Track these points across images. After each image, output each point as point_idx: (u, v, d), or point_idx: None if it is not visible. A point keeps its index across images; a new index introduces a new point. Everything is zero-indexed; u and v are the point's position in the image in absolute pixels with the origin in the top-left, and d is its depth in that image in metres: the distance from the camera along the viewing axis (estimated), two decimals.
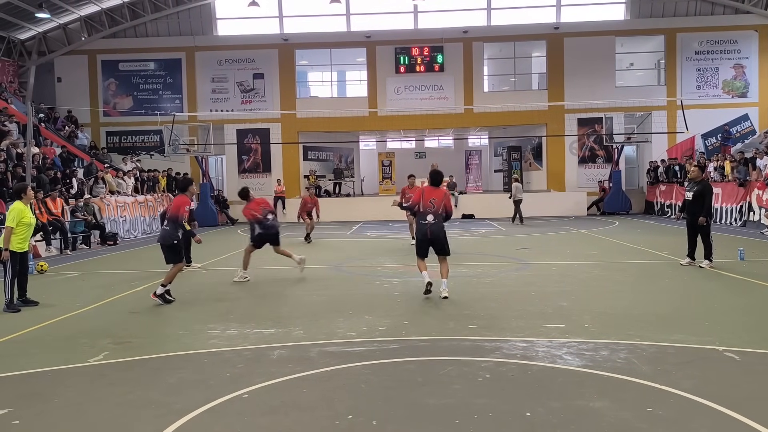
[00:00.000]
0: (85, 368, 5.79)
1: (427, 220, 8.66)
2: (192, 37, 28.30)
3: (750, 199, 18.58)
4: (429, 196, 8.77)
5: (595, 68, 27.41)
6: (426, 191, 8.88)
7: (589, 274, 10.57)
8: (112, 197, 20.03)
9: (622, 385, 4.94)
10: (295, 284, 10.18)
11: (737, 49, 27.38)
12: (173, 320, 7.68)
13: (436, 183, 9.00)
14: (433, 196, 8.78)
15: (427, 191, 8.86)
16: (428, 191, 8.85)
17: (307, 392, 4.97)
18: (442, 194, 8.85)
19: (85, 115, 27.90)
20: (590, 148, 27.94)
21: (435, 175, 9.14)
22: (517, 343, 6.20)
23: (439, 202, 8.75)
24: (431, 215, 8.66)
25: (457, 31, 27.78)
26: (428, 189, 8.93)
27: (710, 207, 10.92)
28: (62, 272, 12.49)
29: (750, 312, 7.46)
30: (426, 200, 8.75)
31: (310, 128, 28.36)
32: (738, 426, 4.11)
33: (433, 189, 8.92)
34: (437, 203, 8.74)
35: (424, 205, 8.75)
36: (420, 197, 8.85)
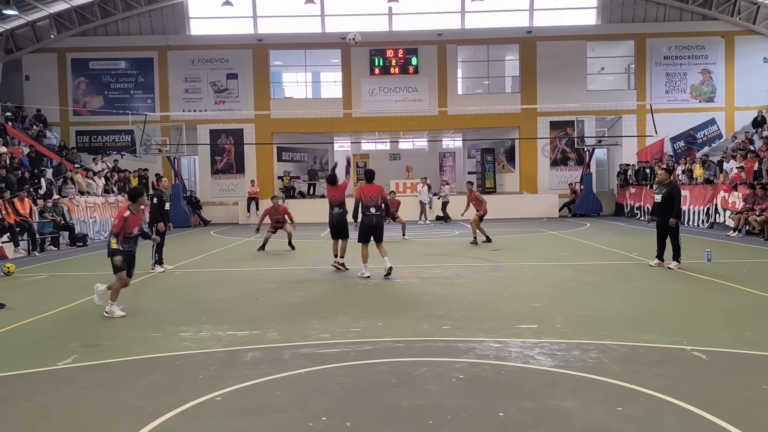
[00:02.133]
0: (53, 372, 5.69)
1: (371, 211, 10.51)
2: (164, 36, 27.96)
3: (717, 201, 18.99)
4: (367, 192, 10.53)
5: (567, 72, 27.77)
6: (364, 188, 10.59)
7: (561, 275, 10.70)
8: (82, 198, 19.69)
9: (593, 385, 5.01)
10: (269, 286, 10.12)
11: (705, 55, 27.98)
12: (145, 322, 7.57)
13: (370, 180, 10.79)
14: (371, 192, 10.56)
15: (365, 188, 10.59)
16: (366, 188, 10.59)
17: (281, 394, 4.95)
18: (377, 189, 10.65)
19: (54, 114, 27.40)
20: (562, 150, 28.30)
21: (368, 173, 10.96)
22: (490, 344, 6.25)
23: (376, 195, 10.57)
24: (373, 207, 10.52)
25: (432, 34, 27.92)
26: (365, 186, 10.62)
27: (679, 209, 11.13)
28: (30, 274, 12.23)
29: (717, 312, 7.63)
30: (366, 196, 10.52)
31: (285, 129, 28.23)
32: (706, 424, 4.20)
33: (370, 186, 10.69)
34: (375, 198, 10.54)
35: (365, 200, 10.52)
36: (360, 194, 10.60)
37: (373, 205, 10.51)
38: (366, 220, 10.52)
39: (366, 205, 10.50)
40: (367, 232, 10.56)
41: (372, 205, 10.50)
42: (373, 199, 10.54)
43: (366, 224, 10.54)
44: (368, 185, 10.73)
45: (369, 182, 10.79)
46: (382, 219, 10.68)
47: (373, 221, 10.51)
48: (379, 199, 10.62)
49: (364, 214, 10.54)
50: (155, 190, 13.21)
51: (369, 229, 10.54)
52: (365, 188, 10.64)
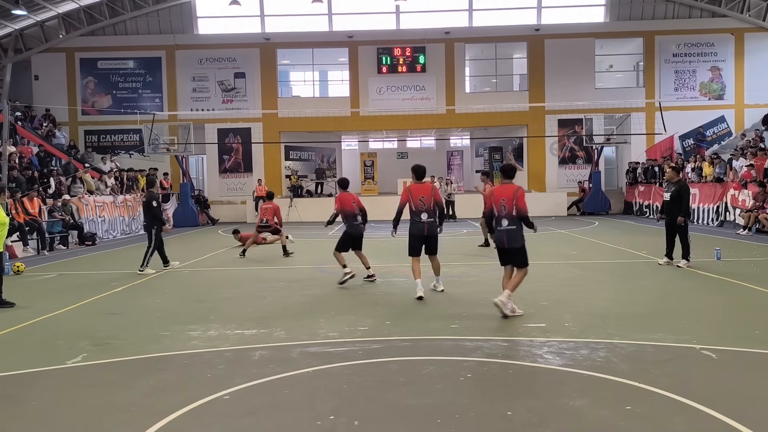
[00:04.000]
0: (62, 370, 5.72)
1: (422, 218, 8.50)
2: (172, 35, 28.04)
3: (726, 199, 18.87)
4: (417, 194, 8.53)
5: (575, 70, 27.65)
6: (413, 189, 8.59)
7: (569, 273, 10.66)
8: (91, 197, 19.78)
9: (601, 384, 4.99)
10: (276, 285, 10.13)
11: (714, 52, 27.79)
12: (153, 321, 7.60)
13: (420, 177, 8.73)
14: (421, 193, 8.54)
15: (414, 189, 8.58)
16: (415, 189, 8.59)
17: (289, 393, 4.95)
18: (429, 189, 8.61)
19: (63, 114, 27.54)
20: (570, 148, 28.19)
21: (418, 170, 8.77)
22: (498, 343, 6.24)
23: (429, 197, 8.52)
24: (425, 213, 8.49)
25: (439, 32, 27.87)
26: (414, 186, 8.63)
27: (688, 207, 11.07)
28: (39, 273, 12.30)
29: (726, 311, 7.58)
30: (416, 198, 8.51)
31: (292, 128, 28.25)
32: (715, 423, 4.17)
33: (419, 185, 8.66)
34: (427, 200, 8.50)
35: (414, 204, 8.49)
36: (407, 197, 8.57)
37: (425, 209, 8.51)
38: (416, 229, 8.57)
39: (416, 210, 8.52)
40: (418, 244, 8.66)
41: (423, 210, 8.50)
42: (425, 202, 8.51)
43: (416, 235, 8.58)
44: (417, 184, 8.69)
45: (419, 180, 8.73)
46: (435, 227, 8.63)
47: (424, 230, 8.54)
48: (432, 203, 8.55)
49: (414, 221, 8.58)
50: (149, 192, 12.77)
51: (420, 240, 8.62)
52: (414, 189, 8.61)
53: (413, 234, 8.59)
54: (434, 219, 8.54)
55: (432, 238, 8.62)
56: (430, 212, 8.49)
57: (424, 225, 8.51)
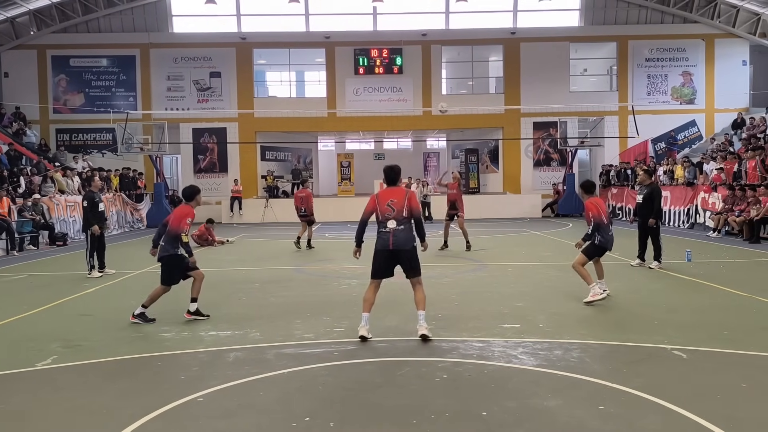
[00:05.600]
0: (32, 373, 5.61)
1: (388, 227, 6.57)
2: (147, 33, 27.70)
3: (697, 202, 19.22)
4: (385, 199, 6.69)
5: (551, 73, 27.95)
6: (380, 195, 6.80)
7: (544, 275, 10.76)
8: (62, 197, 19.44)
9: (575, 384, 5.04)
10: (252, 286, 10.06)
11: (685, 57, 28.31)
12: (125, 323, 7.49)
13: (393, 182, 6.87)
14: (390, 197, 6.69)
15: (382, 195, 6.79)
16: (383, 194, 6.78)
17: (264, 394, 4.92)
18: (402, 194, 6.72)
19: (34, 112, 27.04)
20: (545, 151, 28.48)
21: (390, 171, 6.90)
22: (473, 344, 6.27)
23: (401, 202, 6.62)
24: (392, 220, 6.57)
25: (416, 34, 27.96)
26: (383, 192, 6.84)
27: (659, 209, 11.25)
28: (8, 274, 12.06)
29: (697, 312, 7.71)
30: (383, 204, 6.67)
31: (268, 128, 28.10)
32: (686, 422, 4.25)
33: (390, 189, 6.81)
34: (397, 205, 6.61)
35: (381, 211, 6.65)
36: (374, 203, 6.75)
37: (394, 216, 6.58)
38: (379, 242, 6.65)
39: (382, 218, 6.64)
40: (381, 262, 6.67)
41: (391, 216, 6.58)
42: (394, 207, 6.60)
43: (380, 251, 6.66)
44: (388, 190, 6.82)
45: (391, 185, 6.86)
46: (408, 240, 6.58)
47: (389, 243, 6.55)
48: (404, 209, 6.59)
49: (378, 233, 6.68)
50: (86, 191, 12.42)
51: (385, 257, 6.64)
52: (383, 194, 6.78)
53: (377, 250, 6.68)
54: (404, 227, 6.56)
55: (402, 254, 6.57)
56: (400, 220, 6.55)
57: (389, 235, 6.53)
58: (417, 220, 6.69)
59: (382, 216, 6.66)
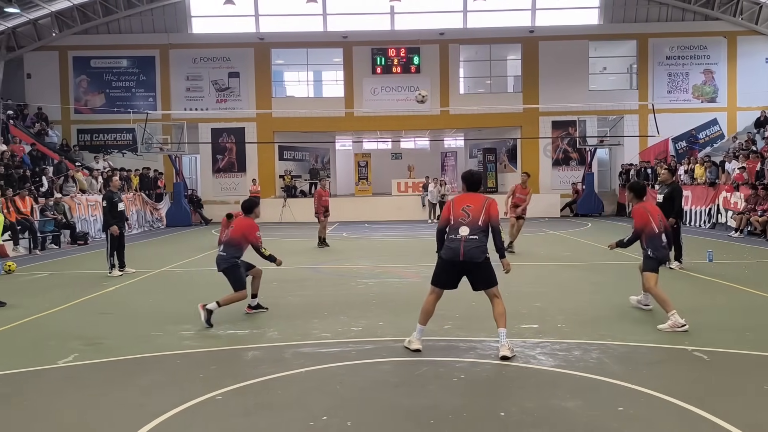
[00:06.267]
0: (54, 370, 5.69)
1: (460, 234, 5.95)
2: (166, 34, 27.93)
3: (718, 201, 18.96)
4: (461, 203, 6.12)
5: (569, 72, 27.72)
6: (457, 200, 6.21)
7: (563, 275, 10.69)
8: (83, 196, 19.69)
9: (594, 385, 5.00)
10: (270, 285, 10.10)
11: (707, 55, 27.92)
12: (146, 321, 7.57)
13: (473, 187, 6.35)
14: (467, 202, 6.10)
15: (459, 199, 6.21)
16: (460, 198, 6.21)
17: (282, 393, 4.94)
18: (481, 200, 6.11)
19: (56, 113, 27.39)
20: (564, 150, 28.27)
21: (470, 177, 6.40)
22: (491, 344, 6.24)
23: (478, 208, 6.02)
24: (465, 227, 5.95)
25: (434, 33, 27.88)
26: (460, 197, 6.28)
27: (680, 209, 11.12)
28: (31, 272, 12.24)
29: (718, 312, 7.61)
30: (457, 209, 6.07)
31: (286, 128, 28.20)
32: (707, 424, 4.19)
33: (468, 195, 6.25)
34: (474, 211, 6.02)
35: (455, 215, 6.06)
36: (449, 210, 6.14)
37: (467, 223, 5.95)
38: (448, 251, 5.98)
39: (455, 224, 6.01)
40: (449, 271, 6.06)
41: (465, 223, 5.96)
42: (470, 213, 6.00)
43: (447, 259, 6.00)
44: (465, 195, 6.27)
45: (471, 190, 6.32)
46: (480, 251, 5.93)
47: (460, 252, 5.89)
48: (481, 217, 5.98)
49: (449, 239, 6.03)
50: (106, 191, 12.53)
51: (452, 267, 6.01)
52: (459, 199, 6.19)
53: (444, 258, 6.03)
54: (478, 237, 5.92)
55: (473, 267, 5.95)
56: (474, 228, 5.92)
57: (460, 243, 5.90)
58: (495, 231, 6.05)
59: (454, 220, 6.03)
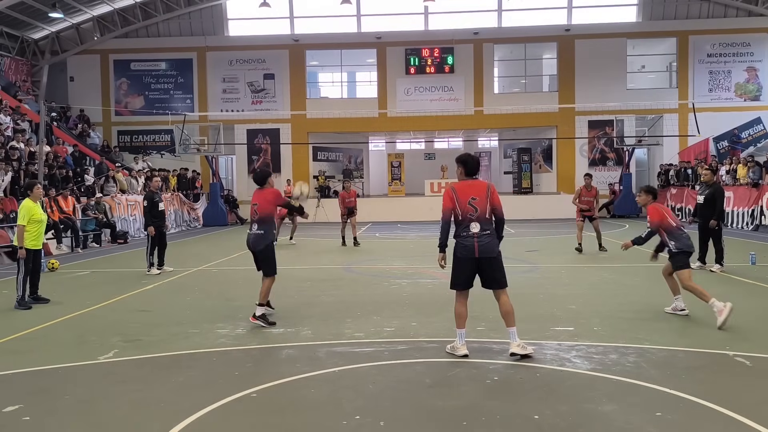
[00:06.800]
0: (94, 366, 5.83)
1: (473, 231, 5.74)
2: (203, 37, 28.42)
3: (762, 202, 18.44)
4: (466, 194, 5.80)
5: (606, 70, 27.29)
6: (459, 189, 5.85)
7: (598, 277, 10.53)
8: (123, 196, 20.15)
9: (631, 389, 4.91)
10: (303, 284, 10.19)
11: (750, 52, 27.18)
12: (183, 319, 7.71)
13: (472, 171, 5.94)
14: (472, 193, 5.81)
15: (460, 189, 5.85)
16: (462, 188, 5.85)
17: (315, 392, 4.98)
18: (483, 188, 5.86)
19: (97, 114, 28.10)
20: (601, 150, 27.83)
21: (469, 160, 5.97)
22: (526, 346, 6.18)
23: (483, 200, 5.79)
24: (476, 223, 5.74)
25: (468, 33, 27.75)
26: (461, 185, 5.89)
27: (722, 210, 10.85)
28: (73, 270, 12.57)
29: (761, 317, 7.40)
30: (463, 201, 5.78)
31: (320, 129, 28.41)
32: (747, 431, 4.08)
33: (469, 182, 5.90)
34: (480, 203, 5.78)
35: (462, 209, 5.77)
36: (453, 200, 5.81)
37: (477, 218, 5.74)
38: (462, 249, 5.79)
39: (463, 219, 5.78)
40: (467, 270, 5.84)
41: (474, 218, 5.74)
42: (477, 206, 5.76)
43: (462, 258, 5.81)
44: (466, 182, 5.91)
45: (469, 176, 5.94)
46: (494, 245, 5.79)
47: (474, 250, 5.72)
48: (487, 208, 5.78)
49: (460, 237, 5.82)
50: (146, 191, 12.86)
51: (469, 265, 5.81)
52: (462, 188, 5.85)
53: (459, 257, 5.82)
54: (491, 232, 5.76)
55: (488, 262, 5.77)
56: (484, 222, 5.73)
57: (474, 241, 5.71)
58: (499, 221, 5.85)
59: (463, 216, 5.76)
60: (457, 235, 5.86)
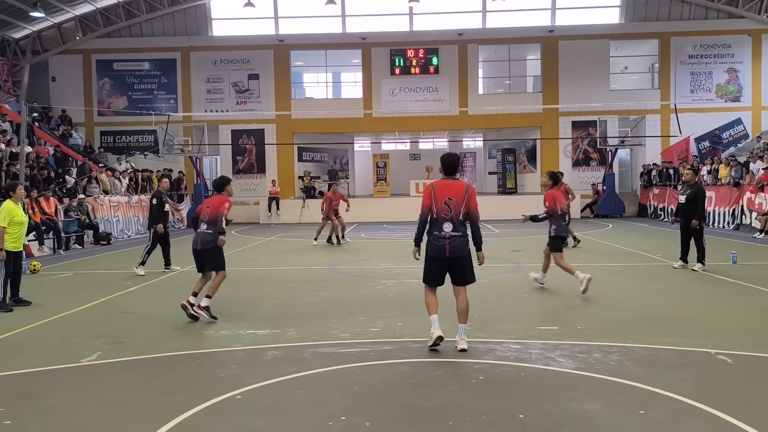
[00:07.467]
0: (78, 368, 5.77)
1: (445, 231, 5.96)
2: (187, 37, 28.22)
3: (743, 202, 18.68)
4: (443, 194, 5.99)
5: (590, 71, 27.49)
6: (437, 188, 6.04)
7: None
8: (106, 197, 19.96)
9: (615, 388, 4.95)
10: (288, 285, 10.16)
11: (731, 54, 27.52)
12: (167, 321, 7.66)
13: (450, 171, 6.13)
14: (449, 194, 5.99)
15: (439, 187, 6.03)
16: (440, 187, 6.04)
17: (301, 393, 4.97)
18: (461, 189, 6.03)
19: (80, 115, 27.80)
20: (584, 151, 28.03)
21: (448, 160, 6.18)
22: (510, 345, 6.22)
23: (459, 201, 5.97)
24: (449, 223, 5.95)
25: (452, 34, 27.82)
26: (440, 184, 6.08)
27: (703, 210, 10.97)
28: (55, 272, 12.43)
29: (742, 315, 7.50)
30: (440, 200, 5.98)
31: (305, 129, 28.34)
32: (731, 429, 4.13)
33: (448, 182, 6.09)
34: (455, 204, 5.97)
35: (437, 208, 5.98)
36: (431, 198, 6.02)
37: (450, 218, 5.96)
38: (434, 248, 6.03)
39: (438, 218, 5.99)
40: (437, 269, 6.12)
41: (447, 218, 5.96)
42: (452, 207, 5.96)
43: (434, 257, 6.06)
44: (445, 181, 6.11)
45: (449, 176, 6.15)
46: (463, 245, 6.02)
47: (446, 250, 5.96)
48: (462, 210, 5.98)
49: (433, 236, 6.03)
50: (155, 191, 13.15)
51: (440, 263, 6.08)
52: (440, 187, 6.05)
53: (431, 255, 6.06)
54: (462, 233, 5.98)
55: (458, 261, 6.02)
56: (457, 223, 5.94)
57: (446, 242, 5.93)
58: (474, 223, 6.03)
59: (437, 215, 5.96)
60: (429, 233, 6.09)
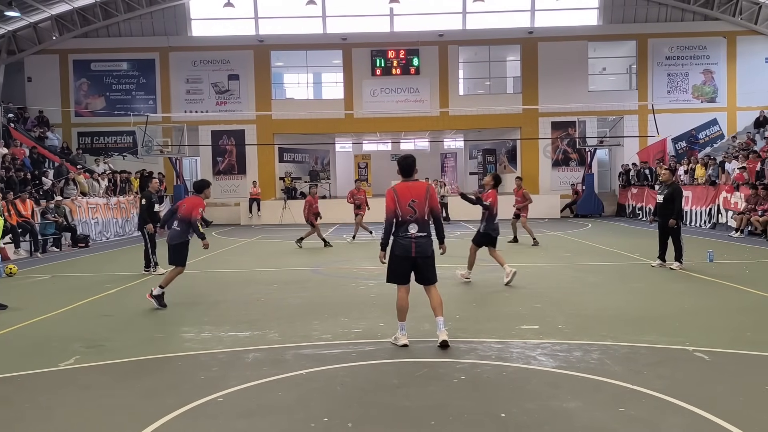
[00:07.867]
0: (55, 372, 5.69)
1: (410, 232, 6.15)
2: (166, 37, 27.97)
3: (719, 201, 18.97)
4: (406, 196, 6.18)
5: (569, 73, 27.73)
6: (399, 191, 6.23)
7: (563, 275, 10.69)
8: (84, 199, 19.70)
9: (595, 386, 5.00)
10: (270, 287, 10.12)
11: (707, 55, 27.94)
12: (146, 323, 7.58)
13: (407, 172, 6.32)
14: (412, 196, 6.17)
15: (401, 190, 6.22)
16: (402, 190, 6.23)
17: (283, 395, 4.95)
18: (423, 190, 6.23)
19: (56, 116, 27.41)
20: (564, 151, 28.28)
21: (404, 161, 6.35)
22: (491, 345, 6.25)
23: (422, 202, 6.18)
24: (414, 224, 6.15)
25: (433, 35, 27.91)
26: (401, 187, 6.27)
27: (680, 209, 11.12)
28: (32, 275, 12.25)
29: (719, 313, 7.62)
30: (403, 203, 6.16)
31: (286, 130, 28.23)
32: (708, 425, 4.20)
33: (409, 184, 6.28)
34: (419, 205, 6.17)
35: (402, 211, 6.16)
36: (394, 201, 6.19)
37: (415, 219, 6.15)
38: (400, 247, 6.20)
39: (403, 219, 6.18)
40: (404, 267, 6.27)
41: (413, 219, 6.15)
42: (416, 208, 6.15)
43: (400, 256, 6.21)
44: (406, 184, 6.31)
45: (407, 178, 6.33)
46: (428, 245, 6.25)
47: (411, 250, 6.15)
48: (425, 210, 6.20)
49: (398, 236, 6.22)
50: (144, 191, 13.07)
51: (406, 262, 6.23)
52: (402, 190, 6.24)
53: (397, 255, 6.22)
54: (427, 233, 6.20)
55: (424, 260, 6.23)
56: (422, 223, 6.15)
57: (411, 242, 6.13)
58: (436, 220, 6.36)
59: (402, 217, 6.16)
60: (395, 234, 6.28)
